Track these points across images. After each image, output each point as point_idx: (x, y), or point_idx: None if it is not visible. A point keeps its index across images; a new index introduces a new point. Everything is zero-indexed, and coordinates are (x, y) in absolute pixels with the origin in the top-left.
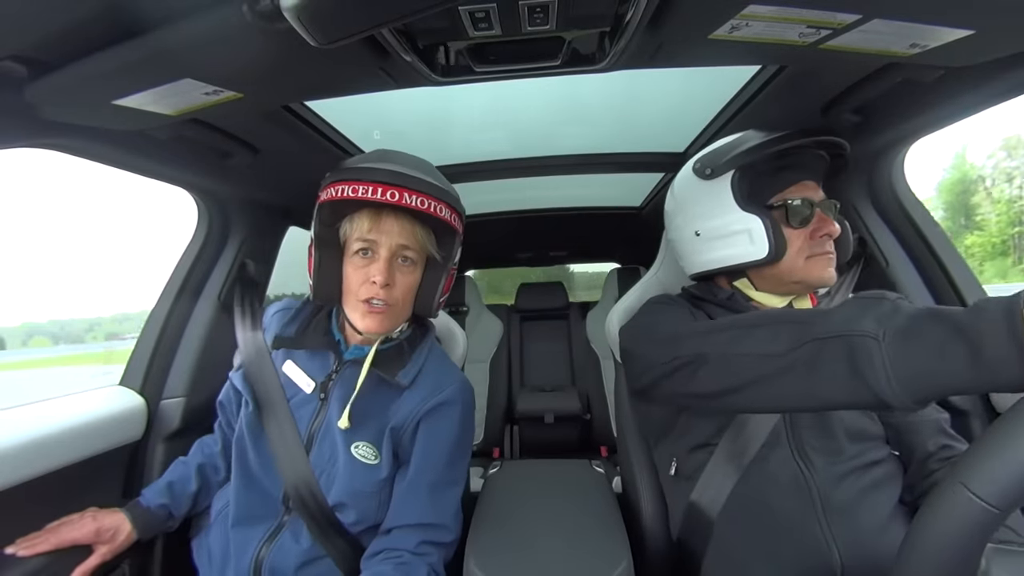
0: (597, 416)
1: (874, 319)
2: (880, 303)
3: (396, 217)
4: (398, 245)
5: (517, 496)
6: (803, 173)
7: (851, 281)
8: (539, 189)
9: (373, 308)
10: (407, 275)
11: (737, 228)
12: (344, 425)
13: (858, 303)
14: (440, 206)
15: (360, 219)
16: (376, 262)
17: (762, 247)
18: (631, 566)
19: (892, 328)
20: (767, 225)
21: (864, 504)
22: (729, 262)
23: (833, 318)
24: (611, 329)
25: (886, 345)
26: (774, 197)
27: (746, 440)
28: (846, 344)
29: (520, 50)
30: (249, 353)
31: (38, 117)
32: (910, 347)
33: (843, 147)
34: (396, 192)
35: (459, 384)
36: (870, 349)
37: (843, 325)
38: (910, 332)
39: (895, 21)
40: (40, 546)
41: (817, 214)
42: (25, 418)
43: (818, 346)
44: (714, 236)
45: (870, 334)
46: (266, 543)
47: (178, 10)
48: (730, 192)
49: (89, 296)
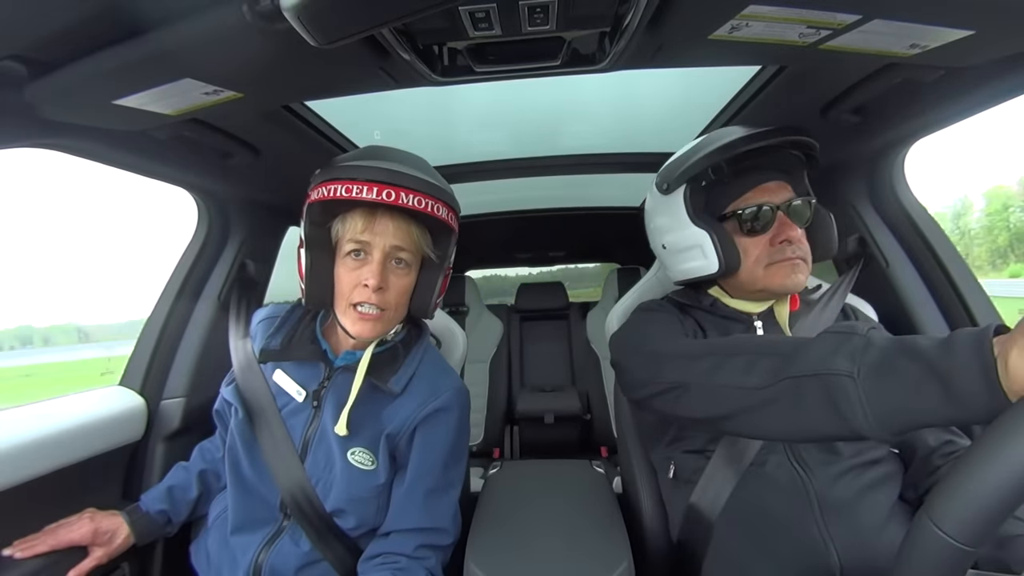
0: (597, 416)
1: (847, 356)
2: (851, 338)
3: (391, 217)
4: (392, 246)
5: (517, 496)
6: (764, 175)
7: (851, 281)
8: (539, 189)
9: (364, 314)
10: (401, 277)
11: (691, 243)
12: (342, 432)
13: (831, 338)
14: (437, 205)
15: (353, 219)
16: (369, 264)
17: (712, 261)
18: (631, 566)
19: (866, 365)
20: (714, 239)
21: (862, 504)
22: (691, 275)
23: (808, 354)
24: (611, 329)
25: (861, 382)
26: (729, 206)
27: (744, 444)
28: (822, 383)
29: (520, 50)
30: (240, 362)
31: (38, 117)
32: (884, 384)
33: (809, 144)
34: (392, 191)
35: (455, 389)
36: (846, 387)
37: (818, 363)
38: (883, 369)
39: (895, 21)
40: (37, 547)
41: (778, 219)
42: (25, 418)
43: (795, 383)
44: (675, 250)
45: (844, 372)
46: (265, 547)
47: (178, 10)
48: (683, 206)
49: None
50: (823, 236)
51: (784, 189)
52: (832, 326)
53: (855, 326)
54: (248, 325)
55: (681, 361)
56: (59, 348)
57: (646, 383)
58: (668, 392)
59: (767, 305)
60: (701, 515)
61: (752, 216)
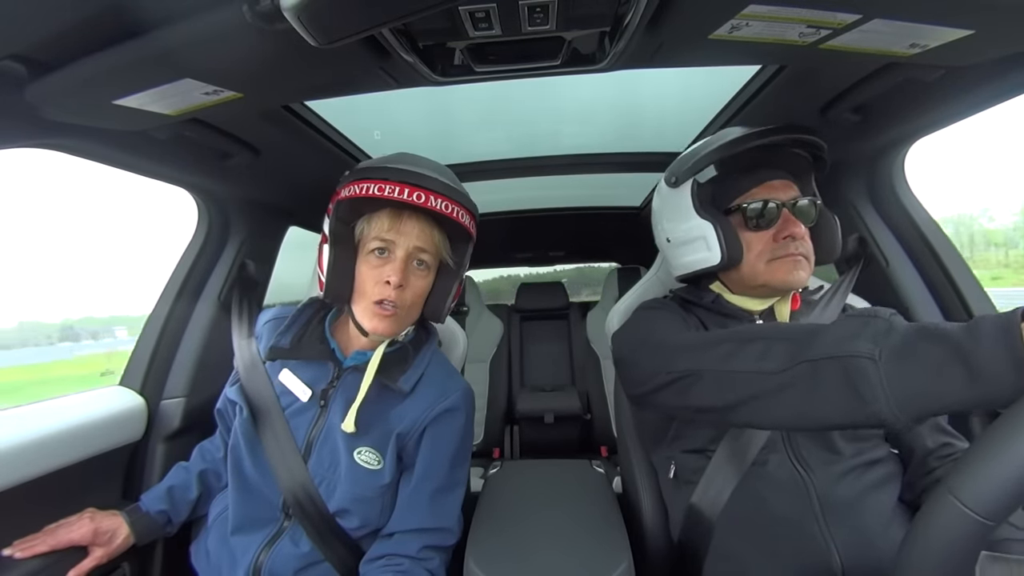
0: (597, 416)
1: (869, 338)
2: (874, 321)
3: (416, 219)
4: (415, 247)
5: (517, 496)
6: (771, 172)
7: (851, 281)
8: (539, 189)
9: (383, 310)
10: (420, 279)
11: (695, 234)
12: (350, 429)
13: (852, 321)
14: (461, 211)
15: (380, 218)
16: (392, 262)
17: (716, 253)
18: (631, 566)
19: (888, 347)
20: (718, 230)
21: (863, 504)
22: (693, 267)
23: (827, 337)
24: (611, 329)
25: (883, 365)
26: (736, 200)
27: (746, 443)
28: (841, 365)
29: (520, 50)
30: (244, 362)
31: (38, 117)
32: (907, 367)
33: (816, 144)
34: (422, 194)
35: (463, 390)
36: (866, 370)
37: (838, 345)
38: (906, 352)
39: (895, 21)
40: (37, 547)
41: (783, 216)
42: (25, 418)
43: (812, 367)
44: (680, 242)
45: (865, 354)
46: (265, 548)
47: (178, 10)
48: (690, 199)
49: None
50: (827, 238)
51: (791, 188)
52: (852, 311)
53: (877, 310)
54: (251, 325)
55: (694, 349)
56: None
57: (654, 374)
58: (678, 381)
59: (768, 304)
60: (702, 515)
61: (757, 212)
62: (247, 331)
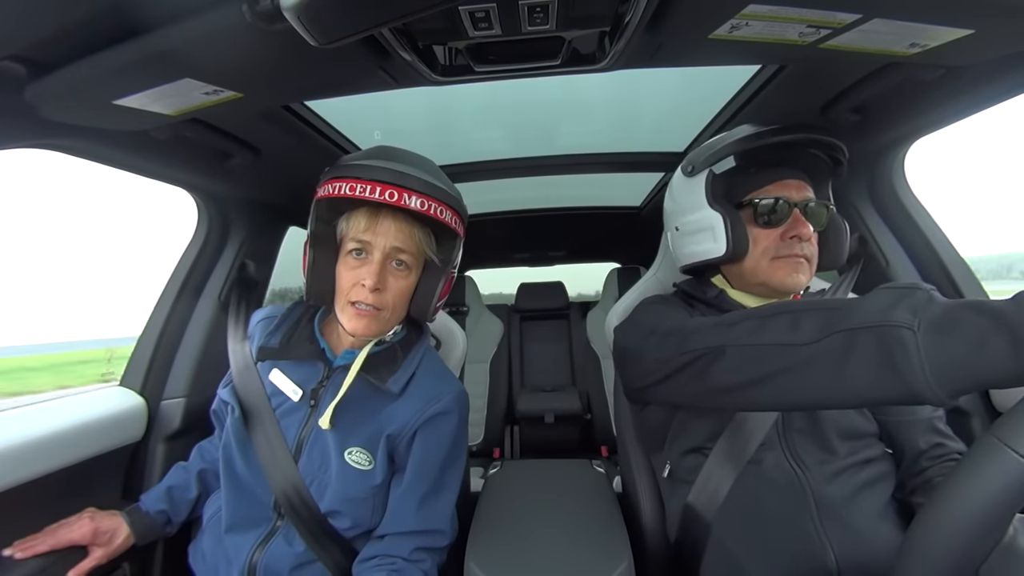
0: (597, 416)
1: (908, 309)
2: (914, 292)
3: (394, 218)
4: (393, 248)
5: (517, 496)
6: (787, 171)
7: (851, 281)
8: (539, 189)
9: (361, 311)
10: (400, 279)
11: (704, 225)
12: (325, 425)
13: (890, 292)
14: (441, 208)
15: (357, 218)
16: (368, 264)
17: (721, 244)
18: (631, 566)
19: (928, 318)
20: (727, 222)
21: (858, 502)
22: (697, 258)
23: (863, 307)
24: (611, 329)
25: (922, 336)
26: (749, 195)
27: (744, 440)
28: (878, 335)
29: (520, 50)
30: (238, 363)
31: (38, 117)
32: (948, 338)
33: (835, 146)
34: (395, 192)
35: (456, 393)
36: (905, 340)
37: (875, 315)
38: (947, 323)
39: (895, 21)
40: (37, 547)
41: (793, 215)
42: (25, 418)
43: (847, 337)
44: (687, 232)
45: (904, 324)
46: (259, 547)
47: (178, 10)
48: (703, 189)
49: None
50: (835, 243)
51: (805, 189)
52: (892, 283)
53: (918, 284)
54: (247, 327)
55: (714, 327)
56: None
57: (667, 360)
58: (697, 361)
59: (767, 302)
60: (698, 515)
61: (769, 208)
62: (242, 332)
